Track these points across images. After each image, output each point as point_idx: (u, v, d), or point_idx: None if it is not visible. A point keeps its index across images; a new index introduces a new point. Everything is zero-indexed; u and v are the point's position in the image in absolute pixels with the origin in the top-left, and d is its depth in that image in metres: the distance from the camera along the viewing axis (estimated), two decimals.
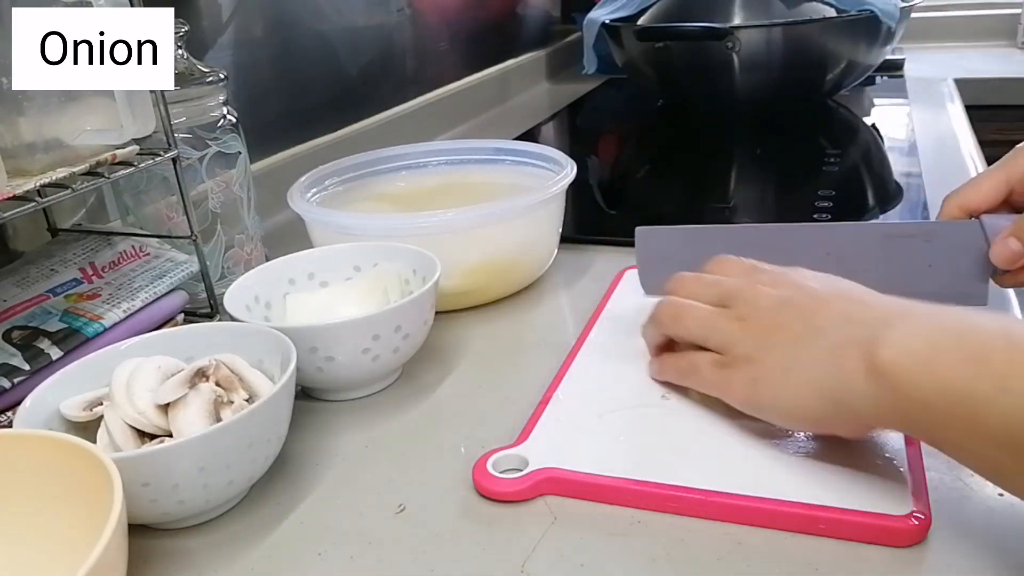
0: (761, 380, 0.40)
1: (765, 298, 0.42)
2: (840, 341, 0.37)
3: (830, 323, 0.39)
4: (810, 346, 0.39)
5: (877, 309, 0.38)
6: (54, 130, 0.46)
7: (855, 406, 0.36)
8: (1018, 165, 0.48)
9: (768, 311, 0.42)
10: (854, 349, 0.36)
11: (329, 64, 0.94)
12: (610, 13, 1.16)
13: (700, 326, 0.44)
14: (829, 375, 0.37)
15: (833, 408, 0.37)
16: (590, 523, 0.38)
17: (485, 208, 0.57)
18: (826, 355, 0.37)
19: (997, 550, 0.35)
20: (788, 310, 0.41)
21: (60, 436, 0.35)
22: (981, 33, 1.56)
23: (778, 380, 0.39)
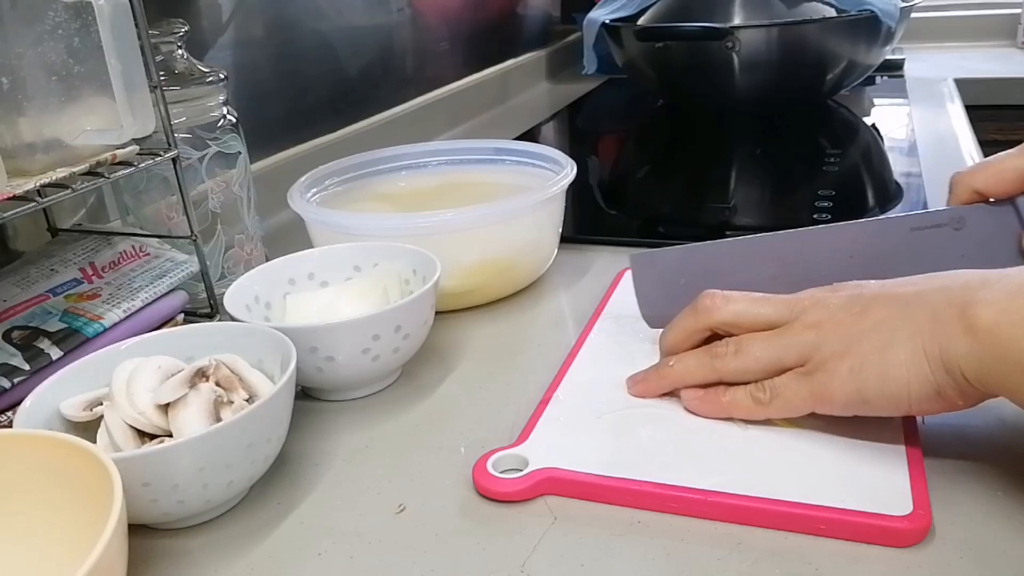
0: (862, 367, 0.38)
1: (834, 299, 0.41)
2: (936, 306, 0.36)
3: (918, 295, 0.38)
4: (905, 319, 0.37)
5: (966, 274, 0.37)
6: (54, 130, 0.46)
7: (962, 368, 0.35)
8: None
9: (843, 307, 0.40)
10: (952, 311, 0.35)
11: (329, 64, 0.94)
12: (610, 13, 1.16)
13: (770, 347, 0.41)
14: (932, 341, 0.36)
15: (945, 377, 0.36)
16: (590, 523, 0.38)
17: (485, 208, 0.57)
18: (925, 322, 0.36)
19: (997, 550, 0.35)
20: (865, 299, 0.40)
21: (60, 436, 0.35)
22: (981, 33, 1.56)
23: (880, 361, 0.37)
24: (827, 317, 0.40)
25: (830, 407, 0.39)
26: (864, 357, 0.38)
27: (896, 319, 0.38)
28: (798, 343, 0.40)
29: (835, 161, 0.91)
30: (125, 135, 0.47)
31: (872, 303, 0.39)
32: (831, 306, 0.40)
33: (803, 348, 0.40)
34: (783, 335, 0.41)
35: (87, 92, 0.47)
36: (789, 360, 0.40)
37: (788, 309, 0.42)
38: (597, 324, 0.55)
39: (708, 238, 0.71)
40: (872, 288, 0.40)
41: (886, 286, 0.40)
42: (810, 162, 0.92)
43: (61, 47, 0.45)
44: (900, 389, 0.37)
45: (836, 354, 0.39)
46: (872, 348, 0.38)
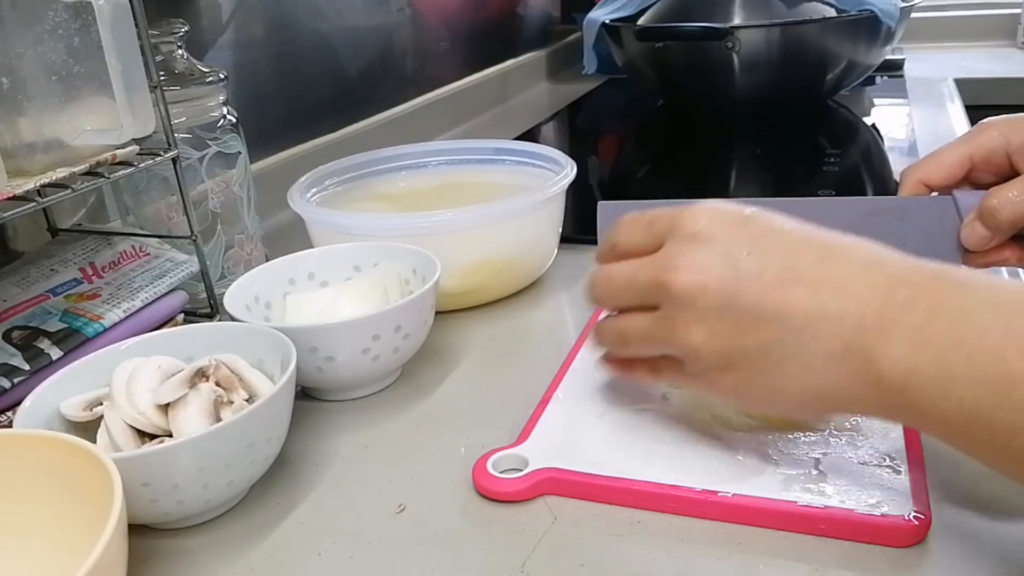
0: (749, 386, 0.37)
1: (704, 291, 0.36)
2: (829, 350, 0.33)
3: (807, 322, 0.34)
4: (794, 352, 0.34)
5: (856, 300, 0.33)
6: (54, 130, 0.46)
7: (868, 412, 0.35)
8: (981, 141, 0.46)
9: (715, 311, 0.36)
10: (851, 362, 0.33)
11: (329, 64, 0.94)
12: (610, 13, 1.16)
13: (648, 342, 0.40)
14: (828, 385, 0.34)
15: (841, 411, 0.36)
16: (590, 523, 0.38)
17: (485, 208, 0.57)
18: (819, 365, 0.34)
19: (997, 550, 0.35)
20: (741, 306, 0.35)
21: (60, 436, 0.35)
22: (981, 33, 1.56)
23: (769, 388, 0.36)
24: (695, 321, 0.36)
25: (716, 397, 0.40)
26: (750, 378, 0.36)
27: (783, 347, 0.34)
28: (671, 343, 0.38)
29: (835, 161, 0.91)
30: (125, 135, 0.47)
31: (750, 314, 0.35)
32: (698, 303, 0.36)
33: (679, 350, 0.38)
34: (654, 329, 0.38)
35: (87, 92, 0.47)
36: (669, 351, 0.39)
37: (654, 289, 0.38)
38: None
39: None
40: (748, 288, 0.35)
41: (763, 285, 0.35)
42: (810, 162, 0.92)
43: (61, 47, 0.45)
44: (793, 411, 0.38)
45: (717, 367, 0.37)
46: (758, 373, 0.36)
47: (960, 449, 0.32)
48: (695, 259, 0.37)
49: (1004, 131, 0.45)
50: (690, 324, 0.37)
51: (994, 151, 0.45)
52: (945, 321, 0.31)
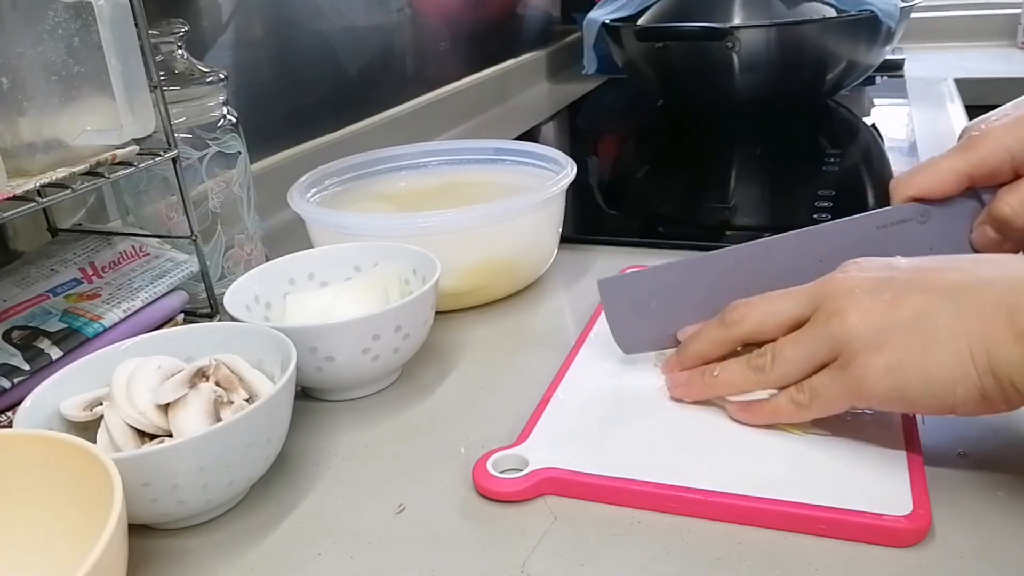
0: (902, 364, 0.36)
1: (860, 281, 0.38)
2: (983, 304, 0.35)
3: (961, 288, 0.36)
4: (948, 314, 0.35)
5: (1011, 265, 0.35)
6: (54, 130, 0.46)
7: (1012, 376, 0.34)
8: (983, 159, 0.43)
9: (871, 293, 0.37)
10: (1001, 314, 0.34)
11: (329, 64, 0.94)
12: (610, 13, 1.16)
13: (800, 346, 0.39)
14: (979, 343, 0.34)
15: (991, 382, 0.34)
16: (590, 523, 0.38)
17: (485, 208, 0.57)
18: (972, 321, 0.35)
19: (997, 550, 0.35)
20: (897, 285, 0.37)
21: (60, 436, 0.35)
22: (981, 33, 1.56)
23: (923, 360, 0.35)
24: (851, 304, 0.38)
25: (869, 403, 0.38)
26: (904, 353, 0.36)
27: (937, 313, 0.36)
28: (825, 336, 0.38)
29: (835, 161, 0.91)
30: (125, 135, 0.48)
31: (907, 290, 0.37)
32: (856, 291, 0.38)
33: (831, 341, 0.38)
34: (810, 330, 0.39)
35: (87, 92, 0.47)
36: (822, 355, 0.39)
37: (809, 299, 0.40)
38: (597, 324, 0.55)
39: (708, 238, 0.71)
40: (905, 271, 0.38)
41: (922, 269, 0.38)
42: (810, 162, 0.92)
43: (61, 47, 0.45)
44: (945, 391, 0.35)
45: (869, 347, 0.37)
46: (912, 344, 0.36)
47: None
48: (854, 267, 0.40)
49: (1005, 143, 0.43)
50: (846, 310, 0.38)
51: (998, 169, 0.43)
52: None
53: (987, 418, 0.42)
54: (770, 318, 0.41)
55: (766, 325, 0.42)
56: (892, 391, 0.36)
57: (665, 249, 0.69)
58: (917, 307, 0.36)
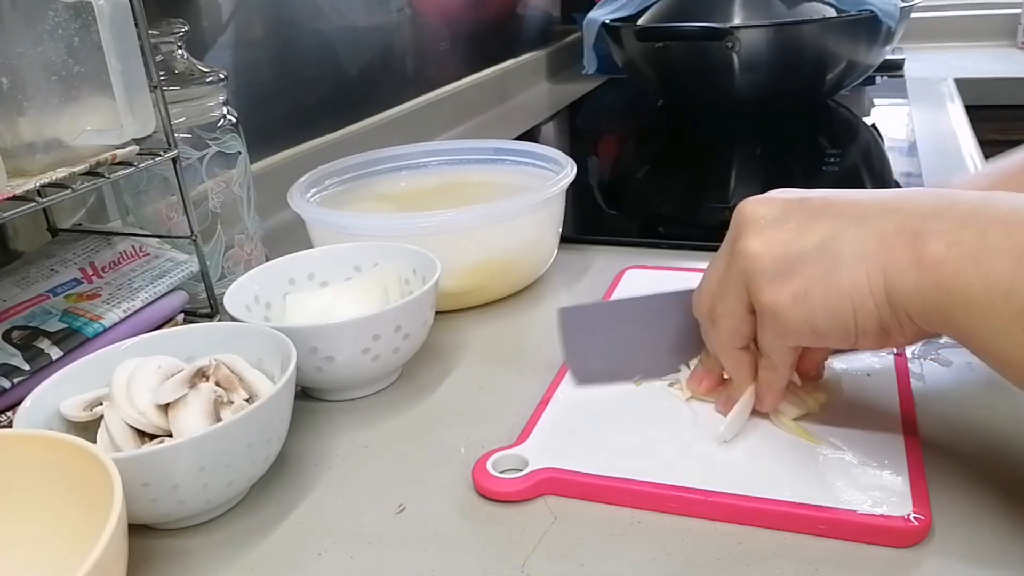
0: (807, 294, 0.35)
1: (768, 209, 0.38)
2: (885, 231, 0.34)
3: (866, 214, 0.35)
4: (851, 239, 0.35)
5: (918, 196, 0.35)
6: (54, 130, 0.46)
7: (904, 302, 0.34)
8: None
9: (776, 221, 0.37)
10: (902, 240, 0.34)
11: (329, 64, 0.94)
12: (610, 13, 1.16)
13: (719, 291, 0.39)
14: (876, 268, 0.34)
15: (887, 311, 0.34)
16: (590, 523, 0.38)
17: (485, 208, 0.57)
18: (872, 247, 0.34)
19: (997, 550, 0.35)
20: (806, 212, 0.37)
21: (60, 436, 0.35)
22: (981, 33, 1.56)
23: (824, 287, 0.35)
24: (755, 235, 0.37)
25: (788, 339, 0.38)
26: (808, 283, 0.35)
27: (840, 238, 0.35)
28: (738, 275, 0.38)
29: (835, 161, 0.91)
30: (125, 135, 0.47)
31: (811, 217, 0.36)
32: (760, 221, 0.37)
33: (743, 278, 0.38)
34: (727, 273, 0.39)
35: (87, 92, 0.47)
36: (743, 294, 0.38)
37: (728, 242, 0.40)
38: None
39: (708, 238, 0.71)
40: (814, 200, 0.37)
41: (830, 200, 0.37)
42: (810, 162, 0.92)
43: (61, 47, 0.45)
44: (847, 319, 0.35)
45: (775, 279, 0.36)
46: (816, 272, 0.35)
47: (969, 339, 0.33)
48: (763, 196, 0.39)
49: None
50: (750, 238, 0.37)
51: None
52: (992, 209, 0.33)
53: (987, 418, 0.42)
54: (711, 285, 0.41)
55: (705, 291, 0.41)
56: (802, 323, 0.36)
57: (665, 249, 0.69)
58: (821, 233, 0.36)
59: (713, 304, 0.41)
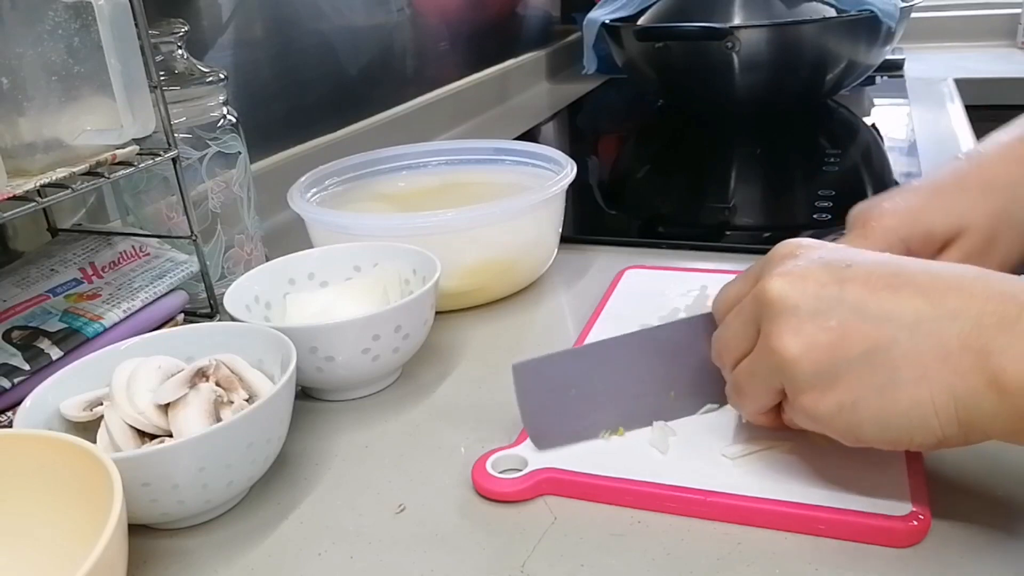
0: (855, 406, 0.33)
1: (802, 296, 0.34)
2: (948, 345, 0.31)
3: (919, 322, 0.32)
4: (906, 354, 0.31)
5: (973, 299, 0.31)
6: (54, 130, 0.46)
7: (980, 424, 0.31)
8: (879, 248, 0.39)
9: (814, 316, 0.33)
10: (968, 359, 0.30)
11: (329, 64, 0.94)
12: (610, 13, 1.16)
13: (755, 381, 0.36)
14: (944, 391, 0.31)
15: (957, 429, 0.31)
16: (590, 523, 0.38)
17: (485, 208, 0.57)
18: (933, 364, 0.31)
19: (997, 550, 0.35)
20: (845, 310, 0.33)
21: (60, 436, 0.35)
22: (981, 33, 1.56)
23: (878, 404, 0.32)
24: (792, 332, 0.33)
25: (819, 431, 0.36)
26: (856, 395, 0.33)
27: (893, 350, 0.32)
28: (771, 369, 0.35)
29: (835, 161, 0.91)
30: (125, 135, 0.48)
31: (856, 318, 0.33)
32: (797, 311, 0.34)
33: (778, 374, 0.35)
34: (758, 361, 0.36)
35: (87, 92, 0.47)
36: (777, 384, 0.35)
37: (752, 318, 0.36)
38: (597, 324, 0.55)
39: (708, 238, 0.71)
40: (853, 287, 0.33)
41: (873, 286, 0.33)
42: (810, 162, 0.92)
43: (61, 47, 0.45)
44: (901, 436, 0.33)
45: (816, 387, 0.33)
46: (865, 385, 0.32)
47: None
48: (791, 266, 0.35)
49: (899, 234, 0.43)
50: (784, 335, 0.33)
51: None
52: None
53: None
54: (733, 351, 0.38)
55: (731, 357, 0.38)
56: (844, 431, 0.34)
57: (665, 249, 0.69)
58: (869, 341, 0.32)
59: (738, 373, 0.37)
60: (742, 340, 0.37)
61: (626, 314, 0.55)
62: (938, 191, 0.45)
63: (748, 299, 0.37)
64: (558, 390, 0.43)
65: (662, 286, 0.59)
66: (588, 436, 0.42)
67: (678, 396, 0.43)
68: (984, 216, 0.43)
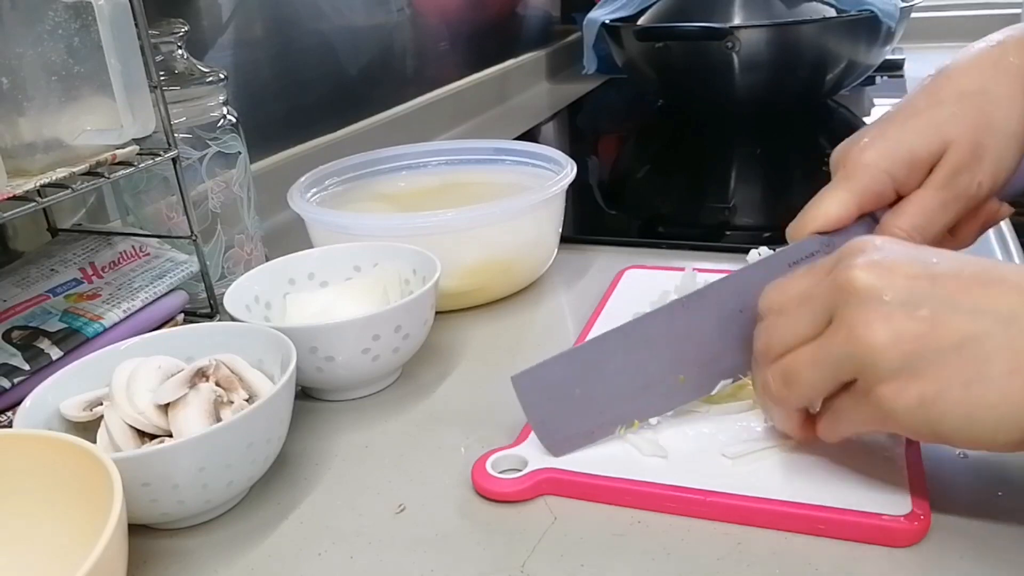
0: (938, 398, 0.31)
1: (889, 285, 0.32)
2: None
3: (1013, 313, 0.31)
4: (1001, 344, 0.30)
5: None
6: (54, 130, 0.46)
7: None
8: (864, 186, 0.41)
9: (905, 305, 0.32)
10: None
11: (329, 64, 0.94)
12: (610, 13, 1.16)
13: (817, 369, 0.34)
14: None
15: None
16: (590, 523, 0.38)
17: (485, 208, 0.57)
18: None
19: (996, 550, 0.35)
20: (938, 299, 0.32)
21: (60, 436, 0.35)
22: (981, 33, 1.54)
23: (964, 397, 0.31)
24: (879, 319, 0.32)
25: (895, 431, 0.34)
26: (941, 386, 0.31)
27: (987, 342, 0.30)
28: (847, 355, 0.33)
29: None
30: (125, 135, 0.48)
31: (948, 309, 0.31)
32: (884, 300, 0.32)
33: (854, 361, 0.33)
34: (829, 347, 0.34)
35: (87, 92, 0.47)
36: (844, 375, 0.34)
37: (824, 306, 0.34)
38: (597, 324, 0.55)
39: (708, 238, 0.71)
40: (944, 279, 0.32)
41: (965, 280, 0.32)
42: (810, 162, 0.92)
43: (61, 47, 0.45)
44: (985, 433, 0.31)
45: (899, 375, 0.31)
46: (953, 377, 0.31)
47: None
48: (880, 256, 0.33)
49: (884, 168, 0.41)
50: (872, 323, 0.32)
51: (882, 194, 0.41)
52: None
53: None
54: (789, 340, 0.36)
55: (789, 347, 0.36)
56: (922, 425, 0.32)
57: (665, 249, 0.69)
58: (962, 332, 0.31)
59: (794, 362, 0.36)
60: (806, 328, 0.35)
61: (626, 314, 0.55)
62: (913, 112, 0.42)
63: (822, 288, 0.35)
64: (563, 393, 0.42)
65: (662, 286, 0.59)
66: (603, 434, 0.42)
67: (688, 379, 0.42)
68: (964, 127, 0.41)
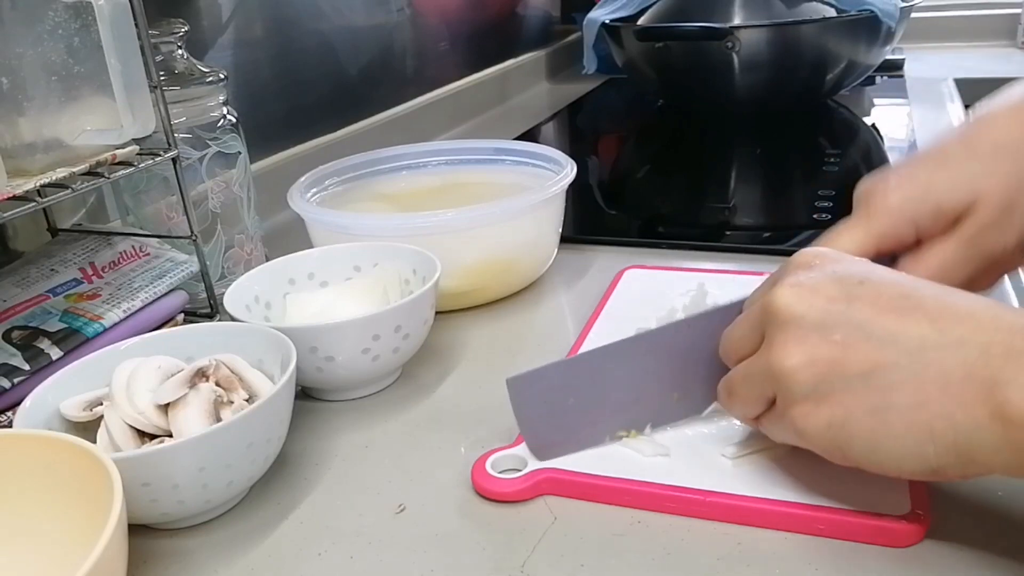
0: (845, 424, 0.32)
1: (810, 307, 0.33)
2: (950, 373, 0.30)
3: (923, 347, 0.31)
4: (906, 378, 0.31)
5: (981, 329, 0.30)
6: (54, 130, 0.46)
7: (980, 457, 0.30)
8: (885, 230, 0.40)
9: (820, 328, 0.33)
10: (972, 389, 0.29)
11: (329, 64, 0.94)
12: (610, 13, 1.16)
13: (747, 384, 0.36)
14: (941, 418, 0.30)
15: (954, 459, 0.30)
16: (590, 523, 0.38)
17: (485, 208, 0.57)
18: (933, 393, 0.30)
19: (996, 550, 0.35)
20: (851, 325, 0.32)
21: (60, 436, 0.35)
22: (981, 33, 1.56)
23: (871, 426, 0.32)
24: (796, 341, 0.33)
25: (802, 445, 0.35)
26: (848, 413, 0.32)
27: (892, 374, 0.31)
28: (767, 373, 0.34)
29: (835, 161, 0.91)
30: (125, 135, 0.48)
31: (860, 335, 0.32)
32: (803, 322, 0.33)
33: (772, 379, 0.34)
34: (756, 364, 0.36)
35: (87, 92, 0.47)
36: (769, 391, 0.35)
37: (758, 323, 0.36)
38: (597, 324, 0.55)
39: (708, 238, 0.71)
40: (861, 304, 0.33)
41: (880, 307, 0.32)
42: (810, 162, 0.92)
43: (61, 47, 0.45)
44: (890, 461, 0.32)
45: (809, 398, 0.33)
46: (859, 404, 0.32)
47: None
48: (804, 278, 0.34)
49: (908, 214, 0.40)
50: (788, 345, 0.33)
51: (903, 239, 0.40)
52: None
53: None
54: (731, 354, 0.38)
55: (735, 357, 0.38)
56: (833, 448, 0.33)
57: (665, 249, 0.69)
58: (871, 360, 0.32)
59: (733, 376, 0.38)
60: (746, 343, 0.37)
61: (626, 314, 0.55)
62: (945, 160, 0.41)
63: (757, 305, 0.36)
64: (555, 400, 0.42)
65: (662, 286, 0.59)
66: (591, 444, 0.42)
67: (682, 397, 0.43)
68: (997, 183, 0.39)
